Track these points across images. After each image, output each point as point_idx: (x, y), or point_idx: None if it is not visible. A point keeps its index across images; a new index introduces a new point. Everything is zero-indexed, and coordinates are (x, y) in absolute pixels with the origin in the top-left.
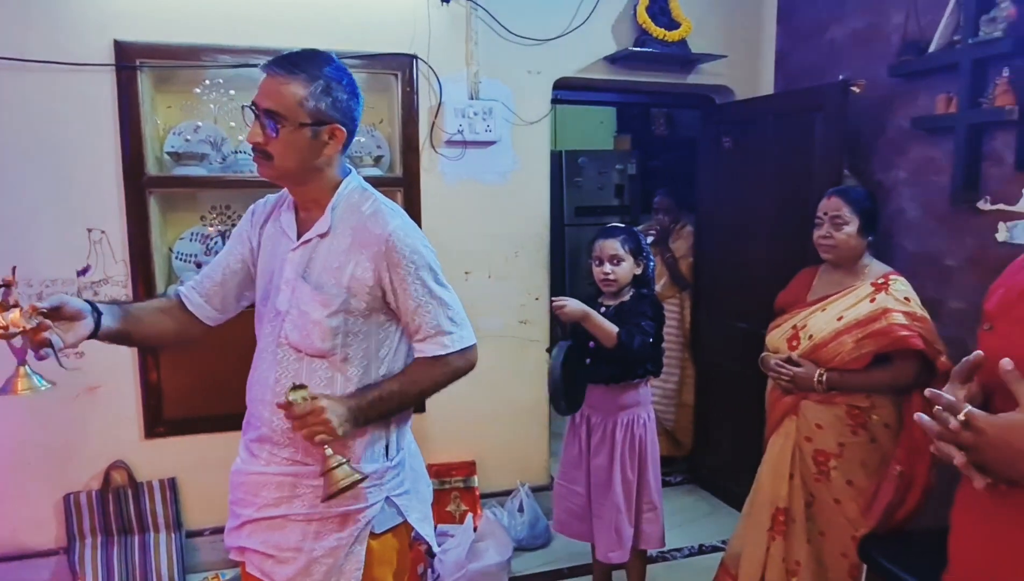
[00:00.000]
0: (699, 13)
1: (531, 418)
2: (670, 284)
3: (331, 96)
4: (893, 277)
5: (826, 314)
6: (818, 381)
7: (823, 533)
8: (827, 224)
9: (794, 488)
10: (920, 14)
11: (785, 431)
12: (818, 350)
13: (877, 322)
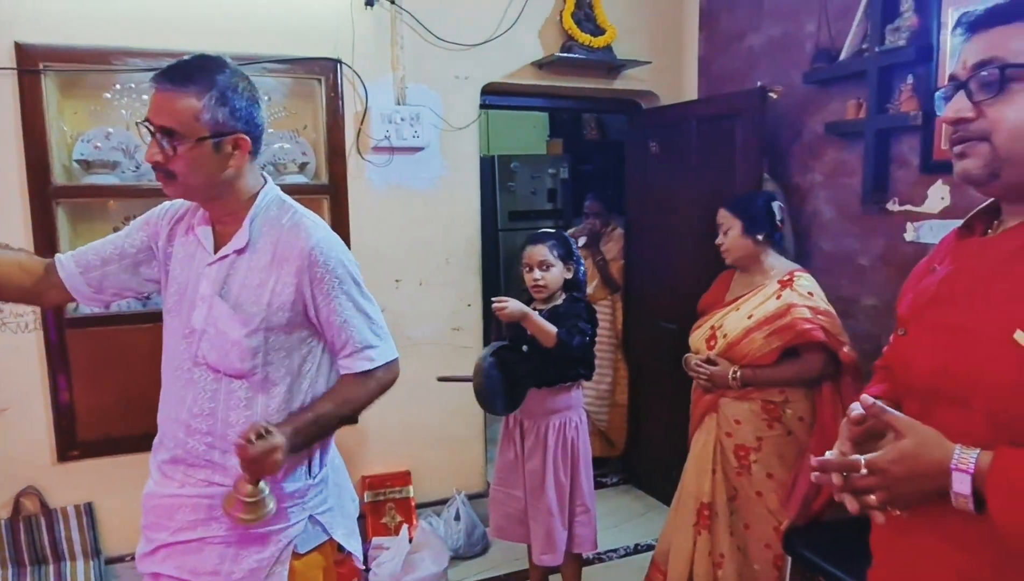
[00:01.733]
0: (624, 20)
1: (466, 425)
2: (601, 286)
3: (228, 104)
4: (798, 274)
5: (739, 313)
6: (732, 378)
7: (747, 526)
8: (720, 233)
9: (716, 483)
10: (831, 23)
11: (706, 428)
12: (732, 348)
13: (783, 318)
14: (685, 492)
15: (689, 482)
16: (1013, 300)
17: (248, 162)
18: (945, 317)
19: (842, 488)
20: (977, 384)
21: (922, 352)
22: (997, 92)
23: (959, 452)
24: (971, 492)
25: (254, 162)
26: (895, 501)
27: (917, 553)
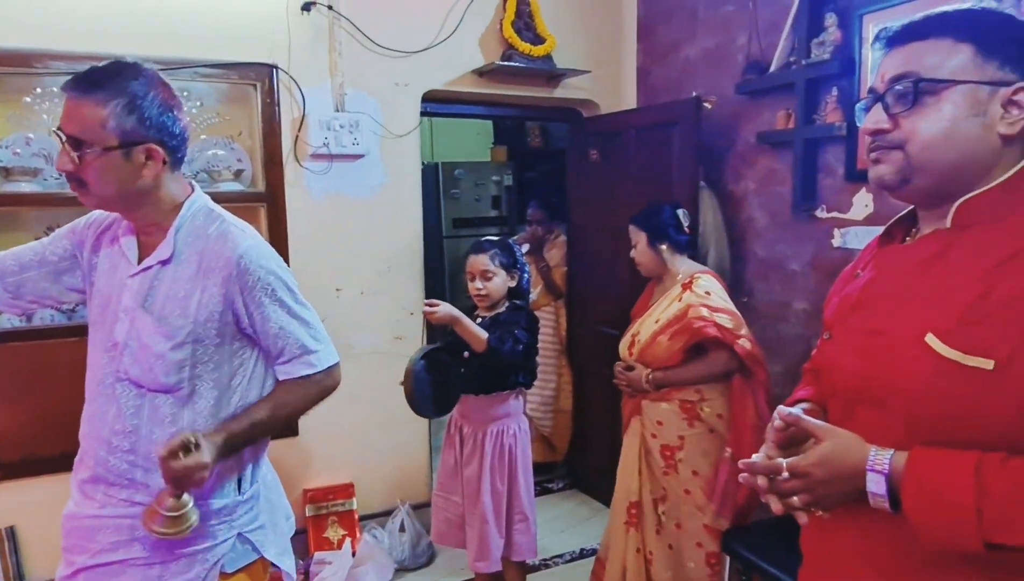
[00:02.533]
0: (563, 30)
1: (410, 434)
2: (545, 293)
3: (137, 113)
4: (698, 275)
5: (650, 318)
6: (646, 381)
7: (679, 525)
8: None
9: (643, 482)
10: (761, 37)
11: (633, 430)
12: (644, 352)
13: (683, 319)
14: (618, 492)
15: (620, 481)
16: (926, 305)
17: (168, 172)
18: (866, 322)
19: (768, 490)
20: (894, 386)
21: (845, 355)
22: (912, 104)
23: (874, 453)
24: (886, 491)
25: (177, 171)
26: (818, 503)
27: (840, 552)
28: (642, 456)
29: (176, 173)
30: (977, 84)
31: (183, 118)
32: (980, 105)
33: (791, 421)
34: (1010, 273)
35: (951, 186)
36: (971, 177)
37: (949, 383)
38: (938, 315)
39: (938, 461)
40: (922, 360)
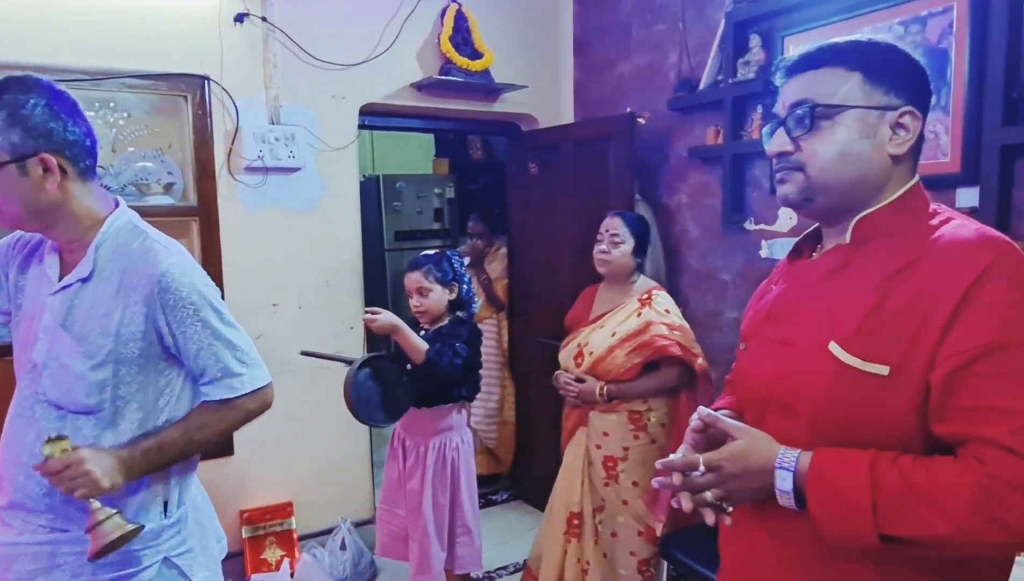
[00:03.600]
0: (501, 45)
1: (351, 450)
2: (487, 305)
3: (20, 124)
4: (655, 292)
5: (603, 331)
6: (600, 394)
7: (614, 534)
8: (606, 241)
9: (584, 493)
10: (691, 55)
11: (577, 441)
12: (597, 365)
13: (642, 335)
14: (557, 501)
15: (560, 492)
16: (829, 315)
17: (77, 183)
18: (776, 333)
19: (680, 487)
20: (799, 393)
21: (757, 365)
22: (809, 128)
23: (783, 452)
24: (792, 489)
25: (89, 183)
26: (729, 497)
27: (753, 551)
28: (585, 467)
29: (88, 185)
30: (867, 108)
31: (82, 125)
32: (870, 128)
33: (709, 422)
34: (901, 285)
35: (849, 204)
36: (866, 195)
37: (849, 388)
38: (839, 325)
39: (837, 460)
40: (825, 367)
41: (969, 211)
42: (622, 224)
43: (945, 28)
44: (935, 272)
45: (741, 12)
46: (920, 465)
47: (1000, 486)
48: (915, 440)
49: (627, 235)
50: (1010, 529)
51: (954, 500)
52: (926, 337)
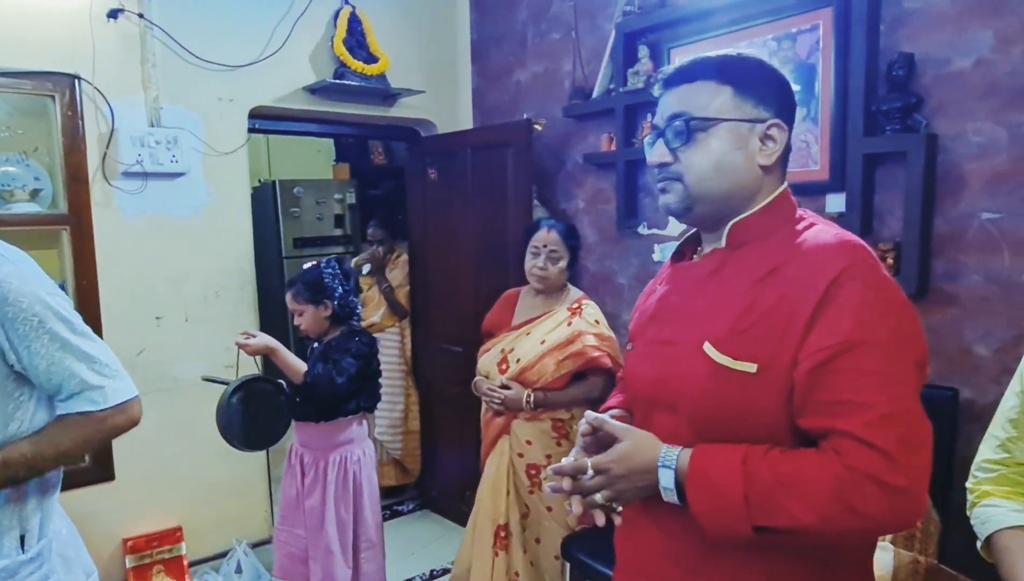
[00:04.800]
0: (398, 50)
1: (245, 469)
2: (389, 314)
3: None
4: (585, 302)
5: (531, 338)
6: (527, 402)
7: (538, 540)
8: (544, 256)
9: (511, 504)
10: (584, 64)
11: (500, 450)
12: (525, 373)
13: (573, 344)
14: (482, 514)
15: (485, 505)
16: (705, 316)
17: None
18: (659, 333)
19: (572, 491)
20: (680, 391)
21: (643, 364)
22: (686, 140)
23: (665, 451)
24: (675, 486)
25: None
26: (618, 498)
27: (644, 546)
28: (509, 476)
29: None
30: (738, 121)
31: None
32: (742, 140)
33: (596, 425)
34: (769, 287)
35: (725, 211)
36: (740, 202)
37: (723, 386)
38: (714, 325)
39: (713, 456)
40: (701, 366)
41: (837, 216)
42: (560, 240)
43: (813, 45)
44: (798, 275)
45: (630, 24)
46: (787, 458)
47: (855, 476)
48: (785, 434)
49: (564, 250)
50: (866, 517)
51: (816, 491)
52: (791, 336)
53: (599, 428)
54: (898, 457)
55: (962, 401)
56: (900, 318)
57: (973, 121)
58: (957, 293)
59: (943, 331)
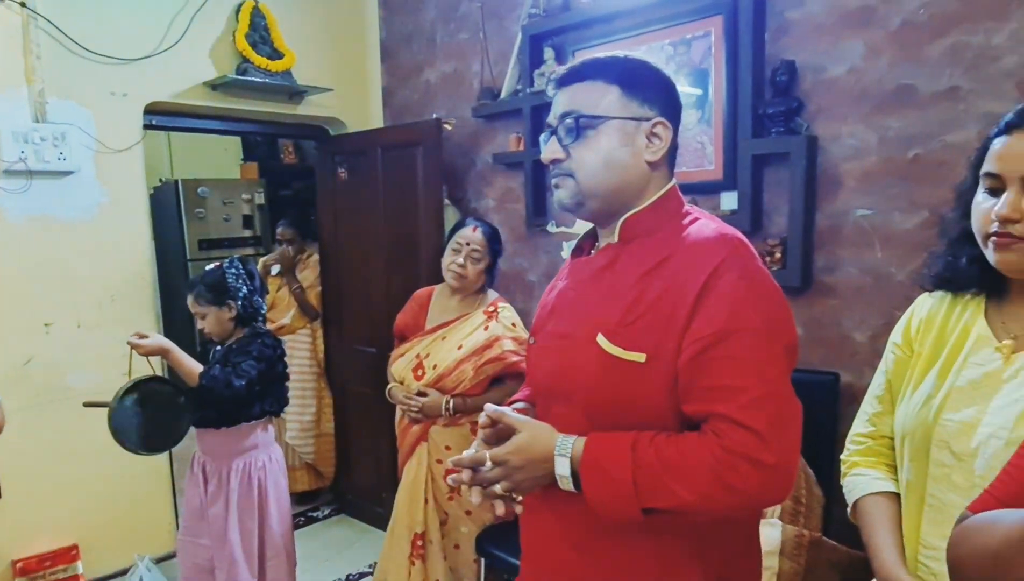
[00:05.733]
0: (304, 46)
1: (147, 480)
2: (300, 315)
3: None
4: (501, 304)
5: (447, 343)
6: (445, 409)
7: (457, 546)
8: (465, 254)
9: (429, 512)
10: (492, 65)
11: (417, 458)
12: (443, 379)
13: (491, 349)
14: (399, 523)
15: (402, 513)
16: (598, 309)
17: None
18: (558, 327)
19: (471, 483)
20: (575, 382)
21: (542, 358)
22: (576, 137)
23: (561, 440)
24: (570, 474)
25: None
26: (517, 488)
27: (544, 533)
28: (428, 484)
29: None
30: (625, 119)
31: None
32: (629, 137)
33: (496, 417)
34: (655, 280)
35: (616, 206)
36: (630, 198)
37: (614, 376)
38: (606, 317)
39: (605, 443)
40: (594, 358)
41: (730, 213)
42: (484, 241)
43: (705, 51)
44: (682, 267)
45: (535, 26)
46: (671, 442)
47: (732, 456)
48: (672, 419)
49: (486, 253)
50: (742, 494)
51: (697, 472)
52: (675, 326)
53: (498, 421)
54: (769, 436)
55: (842, 384)
56: (771, 306)
57: (847, 124)
58: (836, 284)
59: (825, 320)
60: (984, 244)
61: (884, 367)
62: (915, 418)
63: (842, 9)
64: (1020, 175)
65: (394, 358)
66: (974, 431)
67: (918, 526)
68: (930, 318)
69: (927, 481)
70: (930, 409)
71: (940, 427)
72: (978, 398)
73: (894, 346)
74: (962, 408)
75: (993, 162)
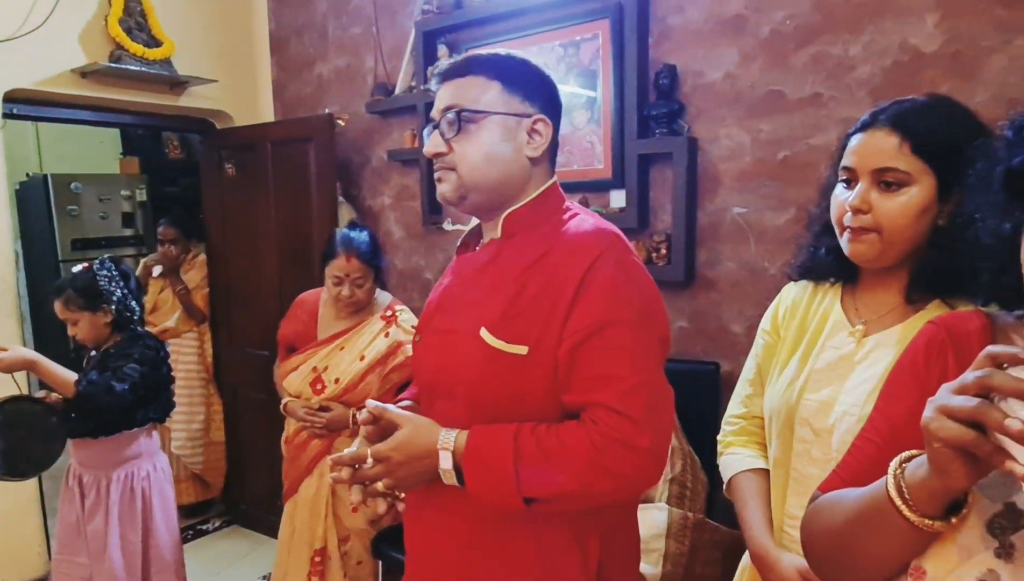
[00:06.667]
0: (185, 34)
1: (15, 502)
2: (185, 318)
3: None
4: (398, 308)
5: (346, 354)
6: (353, 421)
7: (360, 562)
8: (348, 285)
9: (329, 527)
10: (386, 61)
11: (320, 472)
12: (348, 392)
13: (396, 357)
14: (297, 539)
15: (302, 529)
16: (481, 303)
17: None
18: (442, 322)
19: (351, 481)
20: (458, 377)
21: (427, 354)
22: (458, 131)
23: (443, 434)
24: (453, 467)
25: None
26: (400, 484)
27: (429, 528)
28: (329, 499)
29: None
30: (506, 115)
31: None
32: (510, 133)
33: (377, 413)
34: (536, 273)
35: (499, 201)
36: (512, 193)
37: (497, 369)
38: (489, 312)
39: (487, 436)
40: (477, 351)
41: (619, 211)
42: (362, 265)
43: (594, 53)
44: (561, 261)
45: (429, 22)
46: (552, 431)
47: (609, 442)
48: (553, 411)
49: (368, 271)
50: (619, 477)
51: (576, 458)
52: (555, 319)
53: (380, 417)
54: (643, 422)
55: (723, 374)
56: (645, 298)
57: (724, 127)
58: (717, 278)
59: (707, 313)
60: (840, 235)
61: (755, 352)
62: (781, 399)
63: (718, 17)
64: (870, 169)
65: (285, 372)
66: (831, 410)
67: (784, 498)
68: (794, 305)
69: (791, 457)
70: (793, 390)
71: (802, 406)
72: (834, 379)
73: (763, 332)
74: (821, 389)
75: (848, 157)
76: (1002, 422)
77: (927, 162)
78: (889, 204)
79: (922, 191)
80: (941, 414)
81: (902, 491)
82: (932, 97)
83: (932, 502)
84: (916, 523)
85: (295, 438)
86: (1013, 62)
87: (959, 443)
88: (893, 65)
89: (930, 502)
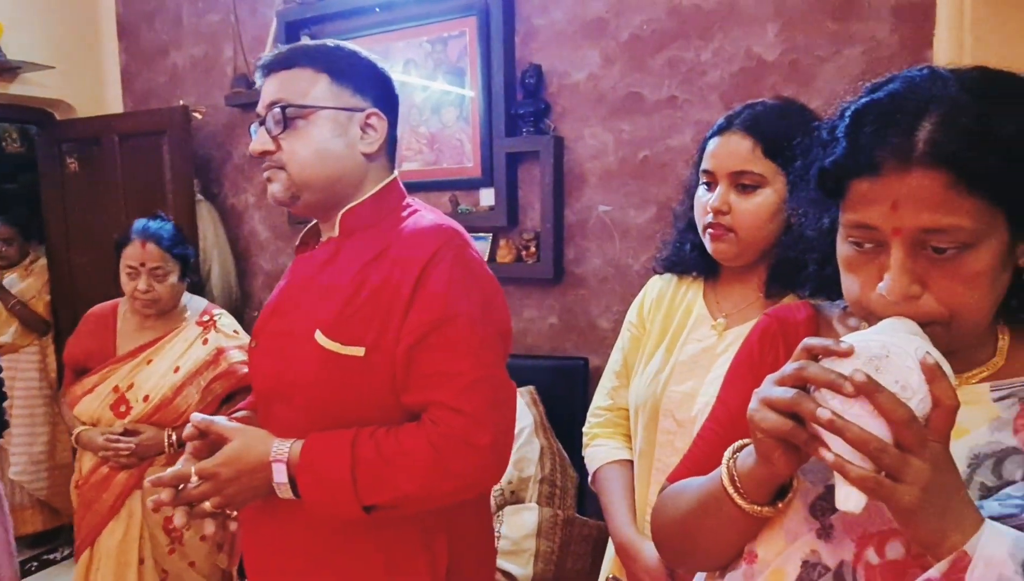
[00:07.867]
0: (14, 14)
1: None
2: (23, 332)
3: None
4: (216, 312)
5: (156, 367)
6: (168, 444)
7: None
8: (145, 277)
9: (145, 573)
10: (246, 51)
11: (127, 512)
12: (161, 410)
13: (217, 364)
14: None
15: None
16: (318, 304)
17: None
18: (278, 326)
19: (174, 503)
20: (295, 382)
21: (263, 359)
22: (285, 128)
23: (277, 445)
24: (288, 480)
25: None
26: (231, 502)
27: (266, 543)
28: (144, 543)
29: None
30: (336, 109)
31: None
32: (342, 128)
33: (203, 427)
34: (374, 271)
35: (334, 199)
36: (348, 190)
37: (333, 372)
38: (325, 313)
39: (324, 444)
40: (312, 354)
41: (489, 209)
42: (161, 252)
43: (461, 50)
44: (399, 258)
45: (291, 13)
46: (391, 434)
47: (450, 441)
48: (395, 413)
49: (172, 263)
50: (460, 477)
51: (416, 461)
52: (393, 317)
53: (207, 431)
54: (483, 418)
55: (592, 368)
56: (484, 293)
57: (589, 126)
58: (585, 275)
59: (576, 309)
60: (703, 234)
61: (621, 344)
62: (646, 391)
63: (581, 19)
64: (728, 172)
65: (77, 396)
66: (694, 401)
67: (648, 489)
68: (659, 298)
69: (655, 448)
70: (659, 382)
71: (667, 398)
72: (697, 371)
73: (629, 324)
74: (685, 381)
75: (707, 160)
76: (814, 412)
77: (778, 164)
78: (746, 205)
79: (776, 192)
80: (764, 405)
81: (734, 480)
82: (782, 100)
83: (760, 489)
84: (747, 510)
85: (92, 476)
86: (841, 71)
87: (778, 433)
88: (740, 71)
89: (758, 489)
